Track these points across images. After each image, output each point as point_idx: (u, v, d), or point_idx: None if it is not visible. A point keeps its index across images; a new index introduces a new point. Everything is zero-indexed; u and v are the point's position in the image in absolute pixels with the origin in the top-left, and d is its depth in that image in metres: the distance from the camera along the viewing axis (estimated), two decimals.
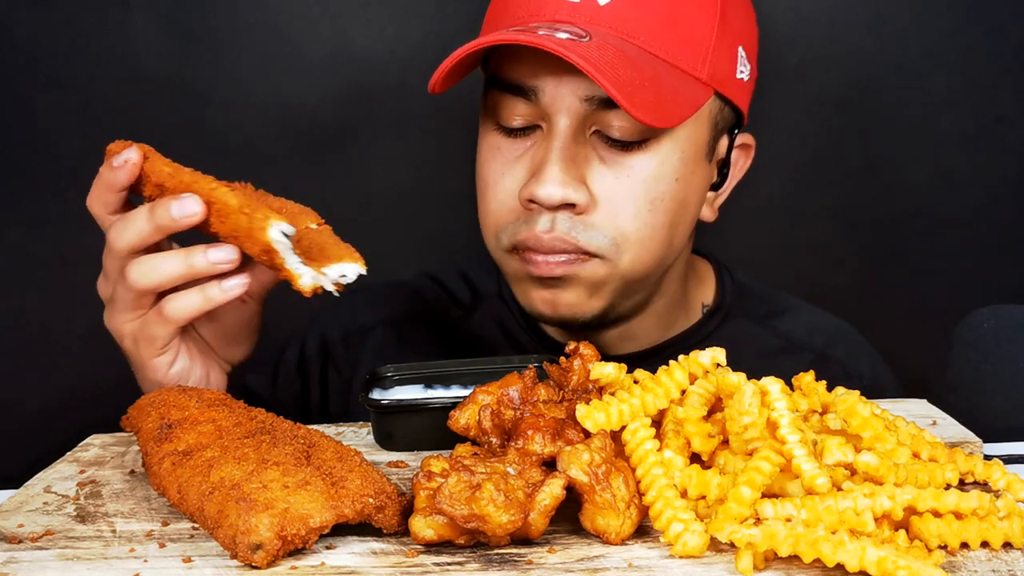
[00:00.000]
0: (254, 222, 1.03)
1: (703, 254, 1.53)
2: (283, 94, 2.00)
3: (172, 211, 1.03)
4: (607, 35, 1.19)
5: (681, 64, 1.21)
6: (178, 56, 1.97)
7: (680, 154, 1.24)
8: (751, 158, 1.39)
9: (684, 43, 1.22)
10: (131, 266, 1.06)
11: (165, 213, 1.04)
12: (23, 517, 0.91)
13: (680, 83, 1.21)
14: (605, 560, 0.80)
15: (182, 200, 1.04)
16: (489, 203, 1.28)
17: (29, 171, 1.98)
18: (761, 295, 1.52)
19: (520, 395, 0.96)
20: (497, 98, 1.25)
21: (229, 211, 1.03)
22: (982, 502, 0.82)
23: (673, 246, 1.29)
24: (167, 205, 1.04)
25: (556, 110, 1.21)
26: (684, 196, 1.26)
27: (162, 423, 0.95)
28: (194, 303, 1.07)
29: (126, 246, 1.06)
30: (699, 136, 1.27)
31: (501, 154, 1.27)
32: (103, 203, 1.09)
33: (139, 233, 1.06)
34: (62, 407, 1.95)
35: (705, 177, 1.31)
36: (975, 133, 2.06)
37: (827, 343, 1.48)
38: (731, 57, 1.26)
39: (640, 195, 1.22)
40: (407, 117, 2.02)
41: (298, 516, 0.79)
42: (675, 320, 1.44)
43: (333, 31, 1.99)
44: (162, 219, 1.04)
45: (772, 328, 1.48)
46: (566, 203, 1.20)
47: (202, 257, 1.05)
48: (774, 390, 0.84)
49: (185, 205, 1.04)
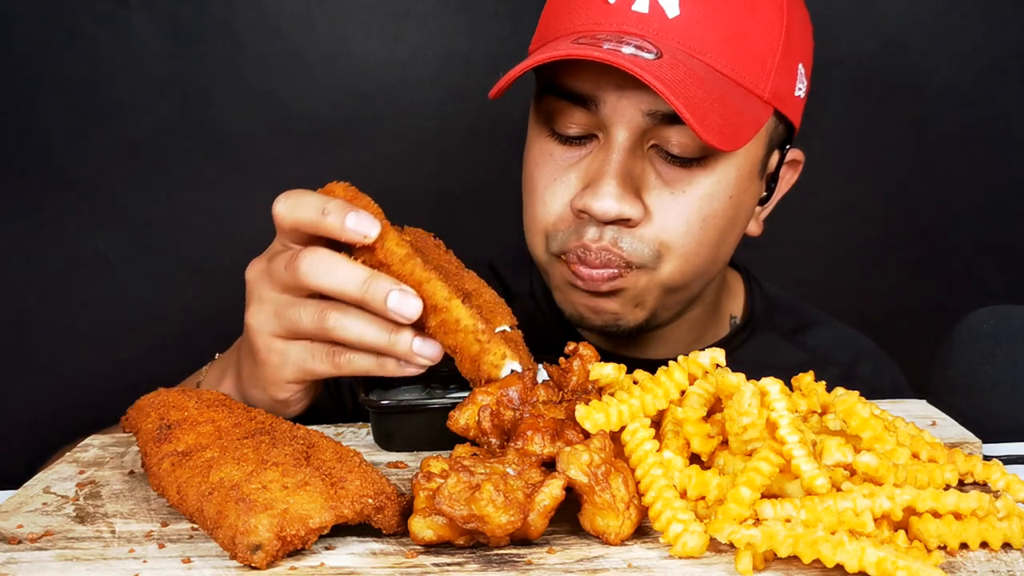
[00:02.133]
0: (487, 355, 0.98)
1: (734, 264, 1.53)
2: (283, 94, 2.00)
3: (390, 302, 0.97)
4: (676, 51, 1.16)
5: (745, 82, 1.19)
6: (178, 56, 1.97)
7: (736, 172, 1.23)
8: (799, 172, 1.38)
9: (749, 60, 1.19)
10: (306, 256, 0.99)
11: (381, 298, 0.97)
12: (22, 518, 0.91)
13: (744, 102, 1.19)
14: (605, 560, 0.80)
15: (405, 298, 0.97)
16: (536, 207, 1.27)
17: (29, 171, 1.98)
18: (788, 309, 1.52)
19: (520, 396, 0.96)
20: (553, 105, 1.23)
21: (459, 328, 0.98)
22: (981, 503, 0.82)
23: (718, 260, 1.29)
24: (387, 291, 0.97)
25: (616, 122, 1.19)
26: (735, 213, 1.26)
27: (161, 424, 0.95)
28: (366, 366, 1.02)
29: (317, 288, 1.00)
30: (755, 154, 1.26)
31: (553, 161, 1.25)
32: (296, 226, 1.01)
33: (342, 290, 0.99)
34: (62, 407, 1.95)
35: (755, 193, 1.31)
36: (975, 133, 2.06)
37: (853, 359, 1.49)
38: (792, 74, 1.25)
39: (694, 212, 1.22)
40: (407, 117, 2.02)
41: (297, 517, 0.79)
42: (706, 330, 1.45)
43: (333, 31, 1.99)
44: (375, 301, 0.98)
45: (799, 343, 1.48)
46: (621, 218, 1.19)
47: (406, 344, 0.99)
48: (773, 391, 0.84)
49: (405, 306, 0.97)
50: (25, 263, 1.99)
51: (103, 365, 1.94)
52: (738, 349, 1.44)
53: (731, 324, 1.47)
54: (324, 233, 1.00)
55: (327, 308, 1.01)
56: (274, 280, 1.03)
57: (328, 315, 1.01)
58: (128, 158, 1.94)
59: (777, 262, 2.04)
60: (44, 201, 1.96)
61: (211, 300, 1.98)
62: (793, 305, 1.53)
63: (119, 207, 1.94)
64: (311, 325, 1.02)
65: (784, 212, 2.03)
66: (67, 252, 1.98)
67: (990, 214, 2.08)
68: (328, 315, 1.01)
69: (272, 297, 1.04)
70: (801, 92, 1.28)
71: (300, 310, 1.02)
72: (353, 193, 1.05)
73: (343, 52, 2.00)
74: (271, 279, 1.04)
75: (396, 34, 2.00)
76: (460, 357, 1.00)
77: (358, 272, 0.99)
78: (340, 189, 1.05)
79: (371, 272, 0.99)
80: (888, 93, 2.04)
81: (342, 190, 1.05)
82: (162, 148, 1.94)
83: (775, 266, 1.96)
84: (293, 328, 1.03)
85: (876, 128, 2.06)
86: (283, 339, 1.05)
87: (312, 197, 1.01)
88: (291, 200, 1.02)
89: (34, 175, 1.98)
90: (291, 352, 1.05)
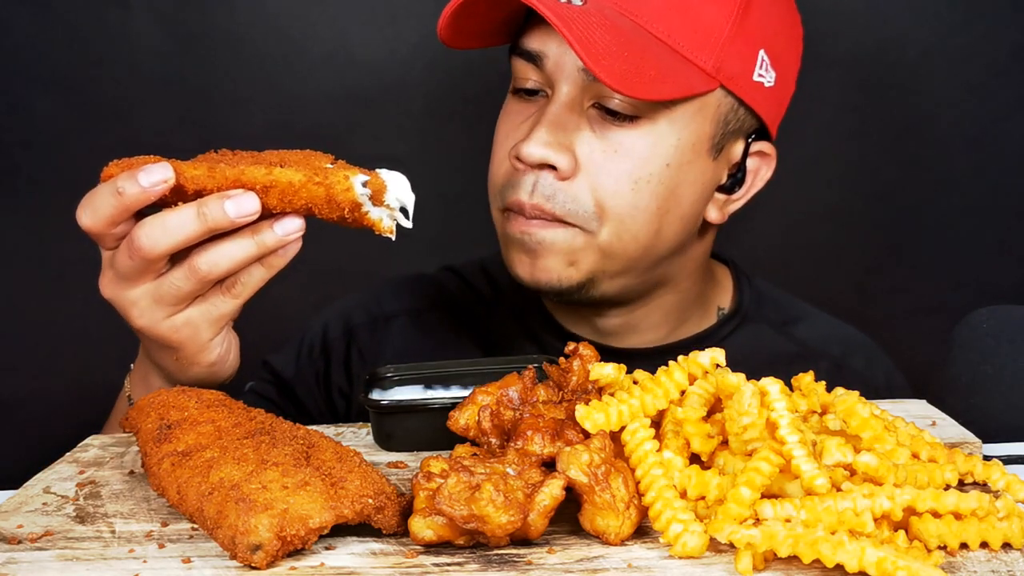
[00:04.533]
0: (334, 187, 1.00)
1: (723, 259, 1.53)
2: (283, 94, 2.00)
3: (229, 212, 0.99)
4: (605, 6, 1.21)
5: (683, 49, 1.23)
6: (178, 56, 1.97)
7: (675, 140, 1.25)
8: (772, 169, 1.38)
9: (690, 29, 1.23)
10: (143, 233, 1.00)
11: (220, 214, 0.99)
12: (22, 518, 0.91)
13: (673, 64, 1.22)
14: (604, 561, 0.80)
15: (238, 199, 0.99)
16: (492, 163, 1.33)
17: (29, 171, 1.98)
18: (779, 302, 1.53)
19: (519, 396, 0.96)
20: (513, 63, 1.31)
21: (296, 188, 1.00)
22: (981, 503, 0.82)
23: (663, 234, 1.29)
24: (220, 205, 0.98)
25: (559, 77, 1.25)
26: (676, 184, 1.27)
27: (161, 424, 0.95)
28: (259, 277, 1.05)
29: (167, 249, 1.00)
30: (700, 127, 1.27)
31: (510, 117, 1.32)
32: (110, 222, 1.02)
33: (187, 235, 1.00)
34: (62, 407, 1.95)
35: (707, 173, 1.31)
36: (975, 133, 2.06)
37: (844, 352, 1.49)
38: (748, 56, 1.27)
39: (624, 170, 1.24)
40: (406, 117, 2.02)
41: (297, 517, 0.79)
42: (687, 320, 1.45)
43: (332, 31, 1.99)
44: (217, 220, 0.99)
45: (789, 335, 1.49)
46: (546, 164, 1.24)
47: (271, 234, 1.01)
48: (773, 391, 0.84)
49: (243, 204, 0.99)
50: (25, 263, 1.99)
51: (103, 365, 1.94)
52: (726, 340, 1.44)
53: (718, 315, 1.47)
54: (133, 207, 1.01)
55: (190, 261, 1.03)
56: (129, 277, 1.04)
57: (196, 265, 1.02)
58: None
59: (775, 260, 2.04)
60: (44, 201, 1.96)
61: None
62: (784, 299, 1.54)
63: None
64: (189, 283, 1.03)
65: (783, 211, 2.04)
66: (67, 252, 1.98)
67: (990, 214, 2.08)
68: (196, 265, 1.02)
69: (139, 292, 1.05)
70: (765, 80, 1.29)
71: (171, 281, 1.04)
72: (127, 161, 1.05)
73: (343, 52, 2.00)
74: (126, 279, 1.04)
75: (396, 34, 2.00)
76: (319, 210, 1.02)
77: (186, 212, 1.00)
78: (114, 167, 1.05)
79: (196, 203, 1.00)
80: (888, 93, 2.04)
81: (117, 167, 1.04)
82: (162, 148, 1.93)
83: (773, 264, 1.96)
84: (177, 298, 1.05)
85: (876, 127, 2.06)
86: (178, 312, 1.06)
87: (102, 190, 1.02)
88: (87, 206, 1.03)
89: (34, 175, 1.98)
90: (193, 315, 1.07)
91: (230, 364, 1.14)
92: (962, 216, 2.09)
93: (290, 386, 1.52)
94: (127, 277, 1.04)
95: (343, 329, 1.54)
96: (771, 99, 1.32)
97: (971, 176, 2.07)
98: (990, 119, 2.05)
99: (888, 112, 2.05)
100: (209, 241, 1.02)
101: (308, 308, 1.68)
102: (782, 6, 1.34)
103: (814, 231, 2.10)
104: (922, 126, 2.06)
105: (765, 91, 1.30)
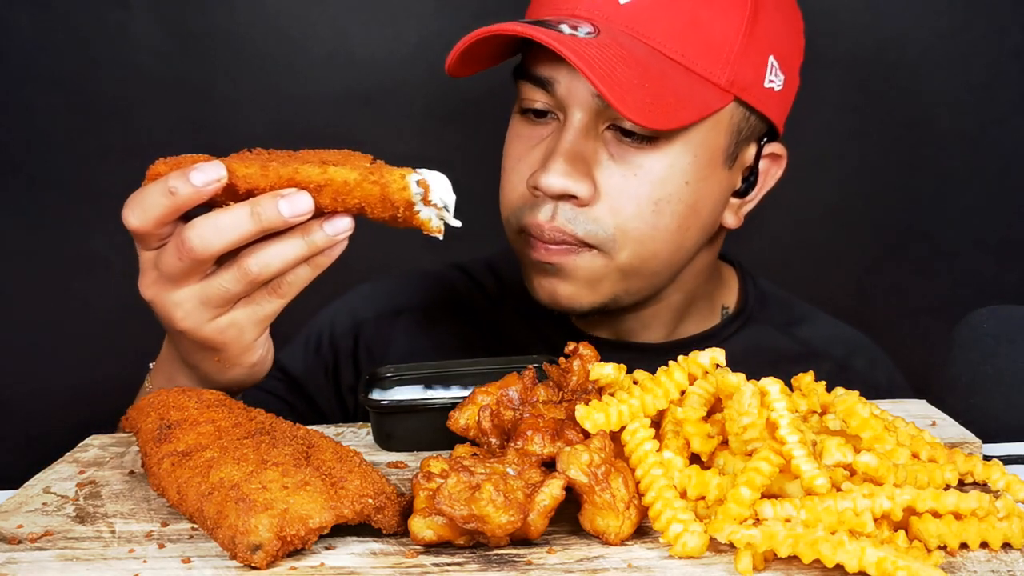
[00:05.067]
0: (389, 186, 0.98)
1: (729, 260, 1.54)
2: (283, 94, 2.00)
3: (283, 211, 0.97)
4: (618, 33, 1.21)
5: (697, 68, 1.23)
6: (178, 56, 1.97)
7: (692, 157, 1.25)
8: (783, 168, 1.39)
9: (703, 48, 1.23)
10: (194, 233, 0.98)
11: (274, 213, 0.97)
12: (22, 518, 0.91)
13: (690, 86, 1.22)
14: (604, 561, 0.80)
15: (292, 198, 0.97)
16: (505, 186, 1.32)
17: (29, 171, 1.98)
18: (783, 303, 1.53)
19: (519, 396, 0.96)
20: (521, 87, 1.30)
21: (351, 187, 0.98)
22: (981, 503, 0.82)
23: (683, 248, 1.30)
24: (274, 204, 0.97)
25: (570, 103, 1.24)
26: (695, 200, 1.27)
27: (161, 424, 0.95)
28: (304, 277, 1.03)
29: (219, 250, 0.99)
30: (715, 141, 1.27)
31: (521, 141, 1.31)
32: (160, 222, 1.00)
33: (240, 235, 0.98)
34: (62, 407, 1.95)
35: (723, 183, 1.31)
36: (975, 133, 2.06)
37: (847, 353, 1.49)
38: (758, 64, 1.27)
39: (645, 193, 1.24)
40: (407, 117, 2.02)
41: (297, 517, 0.79)
42: (691, 317, 1.45)
43: (333, 31, 1.99)
44: (271, 220, 0.97)
45: (792, 335, 1.49)
46: (567, 194, 1.23)
47: (321, 234, 1.00)
48: (773, 391, 0.84)
49: (297, 203, 0.97)
50: (25, 263, 2.00)
51: (103, 365, 1.94)
52: (730, 339, 1.44)
53: (722, 314, 1.48)
54: (185, 207, 0.99)
55: (240, 262, 1.01)
56: (175, 279, 1.02)
57: (246, 266, 1.00)
58: (128, 158, 1.94)
59: (776, 261, 2.04)
60: (44, 201, 1.96)
61: None
62: (788, 299, 1.54)
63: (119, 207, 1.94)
64: (239, 285, 1.01)
65: (783, 211, 2.04)
66: (67, 252, 1.98)
67: (990, 214, 2.08)
68: (246, 266, 1.00)
69: (184, 293, 1.03)
70: (775, 85, 1.30)
71: (219, 282, 1.02)
72: (175, 160, 1.03)
73: (343, 52, 2.00)
74: (171, 280, 1.02)
75: (396, 34, 2.00)
76: (372, 210, 1.00)
77: (239, 211, 0.98)
78: (162, 165, 1.03)
79: (249, 202, 0.98)
80: (888, 93, 2.04)
81: (165, 165, 1.03)
82: (162, 148, 1.94)
83: (774, 264, 1.96)
84: (225, 300, 1.03)
85: (876, 127, 2.06)
86: (223, 313, 1.04)
87: (152, 189, 1.00)
88: (136, 206, 1.01)
89: (34, 175, 1.98)
90: (239, 316, 1.05)
91: (268, 364, 1.13)
92: (962, 216, 2.09)
93: (299, 383, 1.51)
94: (173, 278, 1.02)
95: (351, 324, 1.53)
96: (780, 102, 1.32)
97: (971, 176, 2.07)
98: (990, 119, 2.05)
99: (888, 112, 2.05)
100: (258, 241, 1.00)
101: (313, 303, 1.68)
102: (790, 11, 1.34)
103: (814, 231, 2.10)
104: (922, 126, 2.06)
105: (775, 95, 1.31)
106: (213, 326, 1.04)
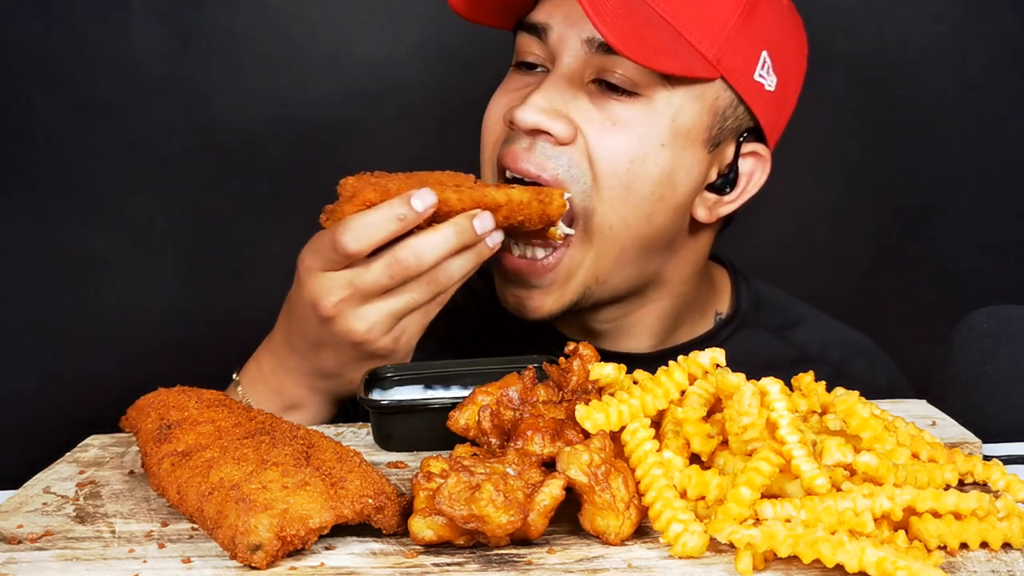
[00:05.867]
0: (550, 204, 1.20)
1: (721, 261, 1.52)
2: (283, 94, 2.00)
3: (477, 229, 1.14)
4: None
5: (687, 33, 1.24)
6: (178, 56, 1.96)
7: (671, 121, 1.26)
8: (767, 174, 1.37)
9: (696, 15, 1.25)
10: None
11: (470, 233, 1.14)
12: (22, 518, 0.91)
13: (675, 43, 1.23)
14: (604, 560, 0.80)
15: (482, 217, 1.15)
16: (484, 128, 1.35)
17: (29, 171, 1.98)
18: (778, 305, 1.51)
19: (519, 396, 0.96)
20: (517, 39, 1.34)
21: (524, 204, 1.17)
22: (981, 503, 0.82)
23: (653, 222, 1.29)
24: (467, 226, 1.14)
25: (561, 50, 1.27)
26: (671, 169, 1.27)
27: (161, 424, 0.95)
28: (462, 266, 1.17)
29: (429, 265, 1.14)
30: (698, 116, 1.27)
31: (507, 87, 1.35)
32: (377, 245, 1.12)
33: (448, 249, 1.13)
34: (62, 407, 1.95)
35: (701, 164, 1.30)
36: (975, 133, 2.05)
37: (844, 356, 1.48)
38: (750, 54, 1.27)
39: (622, 147, 1.25)
40: (407, 117, 2.02)
41: (297, 517, 0.79)
42: (682, 324, 1.44)
43: (333, 31, 1.99)
44: (467, 237, 1.14)
45: (787, 340, 1.47)
46: (540, 129, 1.25)
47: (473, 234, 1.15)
48: (773, 391, 0.84)
49: (486, 222, 1.15)
50: (25, 263, 1.99)
51: (103, 365, 1.94)
52: (723, 345, 1.43)
53: (715, 319, 1.47)
54: (405, 230, 1.12)
55: (432, 275, 1.15)
56: (372, 295, 1.13)
57: (437, 278, 1.15)
58: (128, 158, 1.94)
59: (776, 261, 2.04)
60: (44, 201, 1.96)
61: (210, 300, 1.98)
62: (783, 302, 1.53)
63: (119, 207, 1.94)
64: (425, 296, 1.16)
65: (784, 211, 2.04)
66: (67, 252, 1.98)
67: (990, 214, 2.08)
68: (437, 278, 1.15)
69: (372, 309, 1.15)
70: (766, 83, 1.30)
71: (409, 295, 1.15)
72: (366, 179, 1.15)
73: (343, 52, 1.99)
74: (366, 297, 1.13)
75: (396, 34, 2.00)
76: (529, 223, 1.20)
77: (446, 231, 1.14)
78: (366, 188, 1.13)
79: (450, 222, 1.14)
80: (888, 93, 2.04)
81: (368, 188, 1.13)
82: (162, 148, 1.94)
83: (774, 264, 1.96)
84: (409, 311, 1.16)
85: (876, 128, 2.06)
86: (398, 323, 1.15)
87: (376, 215, 1.11)
88: (353, 231, 1.10)
89: (34, 175, 1.98)
90: (409, 324, 1.17)
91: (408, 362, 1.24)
92: (962, 216, 2.09)
93: None
94: (369, 295, 1.13)
95: None
96: (771, 104, 1.32)
97: (971, 176, 2.07)
98: (990, 119, 2.05)
99: (889, 112, 2.05)
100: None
101: None
102: (789, 19, 1.35)
103: (814, 231, 2.10)
104: (922, 126, 2.05)
105: (765, 94, 1.30)
106: (390, 336, 1.16)
